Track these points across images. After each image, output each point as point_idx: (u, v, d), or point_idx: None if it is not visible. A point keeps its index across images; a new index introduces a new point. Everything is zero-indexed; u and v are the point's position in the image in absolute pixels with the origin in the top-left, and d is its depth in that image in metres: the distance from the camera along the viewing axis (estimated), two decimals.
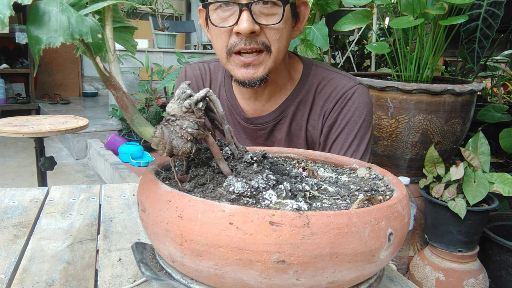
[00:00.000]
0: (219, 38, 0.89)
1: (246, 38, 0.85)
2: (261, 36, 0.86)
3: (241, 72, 0.89)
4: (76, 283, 0.59)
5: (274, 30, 0.86)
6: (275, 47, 0.88)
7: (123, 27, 0.57)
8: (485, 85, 2.39)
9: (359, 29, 2.91)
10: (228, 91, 1.04)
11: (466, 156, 1.74)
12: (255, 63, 0.88)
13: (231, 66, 0.90)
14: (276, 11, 0.85)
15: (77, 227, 0.77)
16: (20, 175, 3.48)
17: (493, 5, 1.97)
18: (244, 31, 0.83)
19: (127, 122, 0.64)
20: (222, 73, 1.06)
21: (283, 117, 0.99)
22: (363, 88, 0.99)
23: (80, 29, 0.40)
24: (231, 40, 0.87)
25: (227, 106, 1.04)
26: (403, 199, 0.49)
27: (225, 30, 0.87)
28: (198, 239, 0.42)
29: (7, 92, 5.32)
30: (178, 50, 4.08)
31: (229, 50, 0.87)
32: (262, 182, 0.49)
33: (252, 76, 0.88)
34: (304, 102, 0.99)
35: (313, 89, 0.99)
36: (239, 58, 0.88)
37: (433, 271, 1.73)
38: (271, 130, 1.01)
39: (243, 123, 1.02)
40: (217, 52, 0.93)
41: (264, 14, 0.85)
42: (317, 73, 1.00)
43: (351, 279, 0.45)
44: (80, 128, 2.13)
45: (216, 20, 0.87)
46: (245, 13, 0.82)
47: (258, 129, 1.01)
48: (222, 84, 1.05)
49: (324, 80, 0.99)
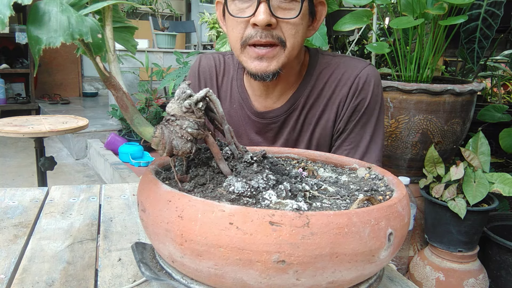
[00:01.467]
0: (235, 28, 0.89)
1: (262, 31, 0.85)
2: (277, 30, 0.86)
3: (254, 65, 0.89)
4: (76, 283, 0.59)
5: (291, 25, 0.87)
6: (290, 42, 0.88)
7: (123, 27, 0.57)
8: (485, 85, 2.39)
9: (359, 29, 2.91)
10: (239, 85, 1.04)
11: (466, 156, 1.74)
12: (269, 55, 0.87)
13: (244, 58, 0.90)
14: (294, 6, 0.86)
15: (77, 227, 0.77)
16: (20, 175, 3.48)
17: (493, 5, 1.97)
18: (261, 22, 0.83)
19: (127, 122, 0.64)
20: (235, 67, 1.06)
21: (294, 109, 0.99)
22: (374, 68, 1.00)
23: (80, 29, 0.40)
24: (247, 31, 0.87)
25: (237, 100, 1.03)
26: (403, 199, 0.49)
27: (242, 20, 0.87)
28: (198, 239, 0.42)
29: (7, 92, 5.32)
30: (178, 50, 4.08)
31: (244, 41, 0.88)
32: (262, 182, 0.49)
33: (265, 69, 0.88)
34: (313, 92, 0.98)
35: (322, 77, 0.98)
36: (254, 50, 0.88)
37: (433, 271, 1.73)
38: (282, 123, 1.00)
39: (253, 117, 1.02)
40: (231, 43, 0.93)
41: (281, 8, 0.85)
42: (324, 60, 1.00)
43: (351, 279, 0.45)
44: (80, 128, 2.13)
45: (233, 11, 0.88)
46: (263, 5, 0.83)
47: (269, 123, 1.01)
48: (234, 78, 1.05)
49: (331, 66, 0.99)
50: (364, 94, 0.96)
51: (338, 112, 0.98)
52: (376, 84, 0.98)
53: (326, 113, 0.99)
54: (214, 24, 3.15)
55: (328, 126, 0.99)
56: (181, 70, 3.20)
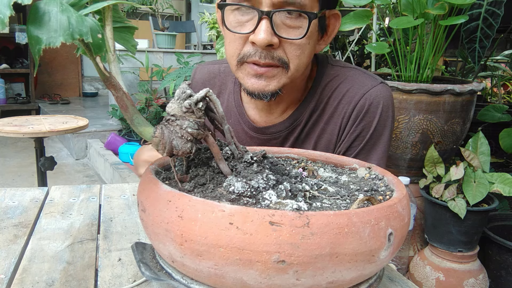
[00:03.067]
0: (232, 43, 0.79)
1: (262, 51, 0.75)
2: (278, 51, 0.76)
3: (252, 82, 0.79)
4: (76, 283, 0.59)
5: (295, 46, 0.76)
6: (294, 64, 0.77)
7: (123, 27, 0.57)
8: (485, 85, 2.40)
9: (359, 29, 2.92)
10: (236, 99, 0.95)
11: (466, 156, 1.74)
12: (268, 74, 0.77)
13: (241, 74, 0.81)
14: (300, 24, 0.75)
15: (77, 227, 0.77)
16: (20, 175, 3.48)
17: (493, 5, 1.97)
18: (261, 42, 0.73)
19: (127, 122, 0.64)
20: (232, 78, 0.97)
21: (296, 125, 0.89)
22: (386, 88, 0.86)
23: (80, 29, 0.40)
24: (245, 48, 0.77)
25: (234, 115, 0.95)
26: (403, 199, 0.49)
27: (240, 36, 0.77)
28: (198, 239, 0.42)
29: (7, 92, 5.32)
30: (178, 50, 4.08)
31: (241, 58, 0.78)
32: (262, 182, 0.49)
33: (263, 89, 0.79)
34: (318, 107, 0.88)
35: (327, 90, 0.88)
36: (252, 67, 0.78)
37: (433, 271, 1.73)
38: (283, 139, 0.91)
39: (251, 133, 0.93)
40: (227, 57, 0.83)
41: (286, 26, 0.75)
42: (332, 72, 0.89)
43: (351, 279, 0.45)
44: (80, 128, 2.13)
45: (231, 23, 0.78)
46: (265, 22, 0.72)
47: (270, 138, 0.91)
48: (231, 91, 0.96)
49: (337, 78, 0.88)
50: (369, 118, 0.84)
51: (339, 133, 0.87)
52: (385, 107, 0.84)
53: (328, 131, 0.88)
54: (214, 24, 3.14)
55: (329, 147, 0.89)
56: (182, 70, 3.20)
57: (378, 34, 2.68)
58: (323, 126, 0.88)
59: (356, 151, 0.86)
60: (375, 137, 0.85)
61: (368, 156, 0.86)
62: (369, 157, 0.86)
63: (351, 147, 0.86)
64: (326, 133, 0.89)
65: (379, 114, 0.84)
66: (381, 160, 0.87)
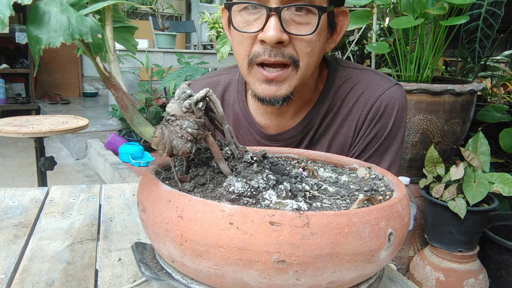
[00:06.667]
0: (240, 44, 0.78)
1: (272, 48, 0.73)
2: (288, 48, 0.74)
3: (262, 88, 0.78)
4: (76, 283, 0.59)
5: (305, 42, 0.74)
6: (304, 61, 0.76)
7: (123, 27, 0.57)
8: (485, 85, 2.40)
9: (359, 29, 2.92)
10: (242, 108, 0.92)
11: (466, 156, 1.74)
12: (279, 79, 0.76)
13: (251, 79, 0.79)
14: (310, 20, 0.74)
15: (77, 227, 0.77)
16: (20, 175, 3.48)
17: (494, 5, 1.97)
18: (270, 40, 0.72)
19: (127, 122, 0.64)
20: (235, 88, 0.94)
21: (310, 128, 0.88)
22: (401, 89, 0.85)
23: (80, 29, 0.40)
24: (254, 48, 0.76)
25: (244, 126, 0.92)
26: (403, 199, 0.49)
27: (248, 36, 0.76)
28: (198, 239, 0.42)
29: (7, 92, 5.32)
30: (178, 50, 4.08)
31: (251, 59, 0.77)
32: (262, 182, 0.49)
33: (274, 94, 0.77)
34: (331, 110, 0.87)
35: (340, 92, 0.87)
36: (262, 72, 0.76)
37: (433, 271, 1.73)
38: (297, 144, 0.90)
39: (264, 141, 0.90)
40: (237, 60, 0.82)
41: (295, 22, 0.73)
42: (344, 73, 0.88)
43: (351, 279, 0.45)
44: (80, 128, 2.13)
45: (239, 24, 0.76)
46: (274, 18, 0.71)
47: (283, 145, 0.89)
48: (236, 101, 0.93)
49: (351, 80, 0.86)
50: (386, 120, 0.83)
51: (354, 136, 0.86)
52: (401, 108, 0.84)
53: (342, 134, 0.87)
54: (214, 24, 3.15)
55: (344, 150, 0.88)
56: (182, 70, 3.20)
57: (378, 34, 2.68)
58: (336, 128, 0.87)
59: (370, 152, 0.86)
60: (390, 139, 0.85)
61: (383, 157, 0.86)
62: (384, 158, 0.86)
63: (366, 148, 0.86)
64: (340, 136, 0.88)
65: (394, 115, 0.84)
66: (395, 160, 0.86)
